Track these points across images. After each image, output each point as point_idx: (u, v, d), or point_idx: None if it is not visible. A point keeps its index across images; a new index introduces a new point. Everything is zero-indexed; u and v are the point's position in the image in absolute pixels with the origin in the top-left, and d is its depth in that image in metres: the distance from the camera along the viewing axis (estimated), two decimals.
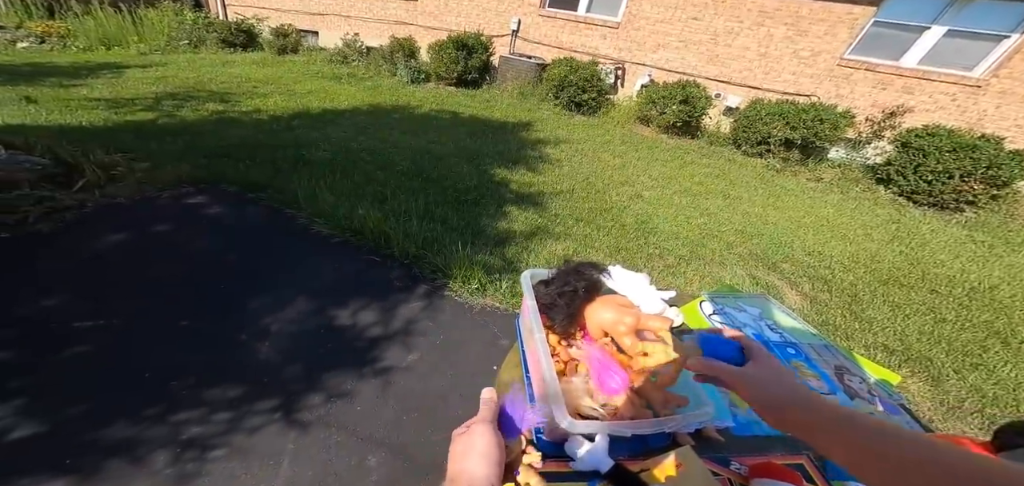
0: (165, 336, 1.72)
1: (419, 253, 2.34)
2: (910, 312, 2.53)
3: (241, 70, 6.50)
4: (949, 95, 5.13)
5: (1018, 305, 2.74)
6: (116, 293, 1.90)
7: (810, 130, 4.97)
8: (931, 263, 3.21)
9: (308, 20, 9.52)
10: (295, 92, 5.50)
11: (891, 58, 5.31)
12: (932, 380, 2.01)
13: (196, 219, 2.53)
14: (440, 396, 1.63)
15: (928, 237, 3.74)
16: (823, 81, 5.64)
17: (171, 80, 5.47)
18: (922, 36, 5.13)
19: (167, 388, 1.51)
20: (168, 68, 6.14)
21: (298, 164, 3.28)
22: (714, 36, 6.05)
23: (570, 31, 7.01)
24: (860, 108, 5.40)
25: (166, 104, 4.43)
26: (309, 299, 2.00)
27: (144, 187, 2.73)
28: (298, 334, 1.81)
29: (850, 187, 4.82)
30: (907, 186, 4.55)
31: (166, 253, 2.21)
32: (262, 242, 2.40)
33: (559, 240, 2.69)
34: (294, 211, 2.68)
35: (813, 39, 5.51)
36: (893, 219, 4.07)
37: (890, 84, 5.33)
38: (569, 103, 6.19)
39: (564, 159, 4.22)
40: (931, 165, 4.34)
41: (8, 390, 1.42)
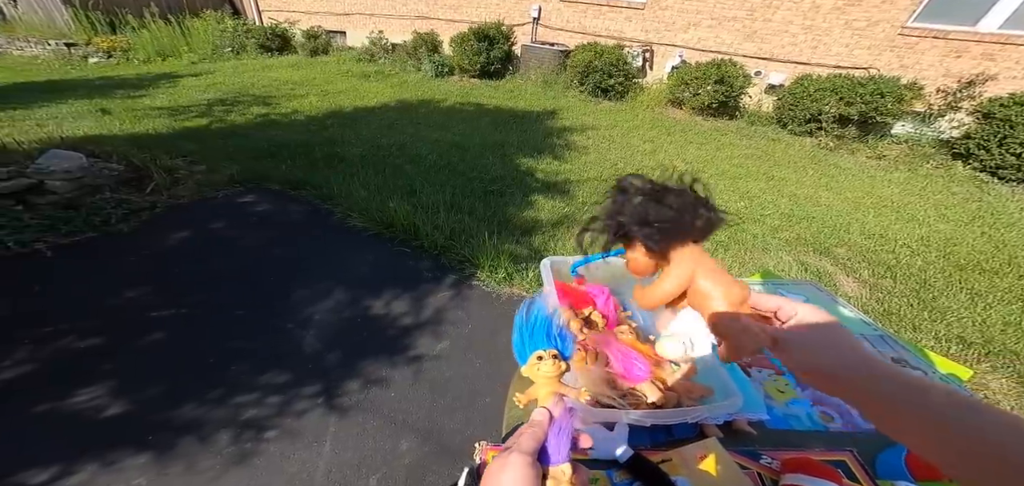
0: (224, 325, 1.88)
1: (447, 244, 2.39)
2: (993, 300, 2.26)
3: (279, 74, 6.84)
4: None
5: None
6: (183, 286, 2.09)
7: (869, 105, 4.54)
8: (1020, 246, 2.86)
9: (334, 21, 9.82)
10: (328, 92, 5.73)
11: (966, 23, 4.70)
12: (1018, 376, 1.80)
13: (246, 216, 2.72)
14: (468, 383, 1.68)
15: (1017, 216, 3.35)
16: (883, 52, 5.10)
17: (219, 87, 5.86)
18: None
19: (228, 373, 1.66)
20: (215, 75, 6.58)
21: (333, 161, 3.44)
22: (751, 11, 5.62)
23: (593, 15, 6.78)
24: (929, 79, 4.84)
25: (216, 110, 4.77)
26: (346, 290, 2.11)
27: (202, 188, 2.97)
28: (337, 323, 1.92)
29: (920, 164, 4.37)
30: (991, 161, 4.06)
31: (222, 249, 2.40)
32: (303, 236, 2.54)
33: None
34: (331, 206, 2.82)
35: (868, 8, 4.98)
36: (973, 197, 3.67)
37: (965, 51, 4.73)
38: (595, 89, 6.02)
39: (590, 146, 4.13)
40: (1020, 137, 3.85)
41: (100, 373, 1.61)
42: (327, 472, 1.34)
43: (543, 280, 0.78)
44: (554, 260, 0.83)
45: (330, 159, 3.47)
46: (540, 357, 0.53)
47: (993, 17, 4.59)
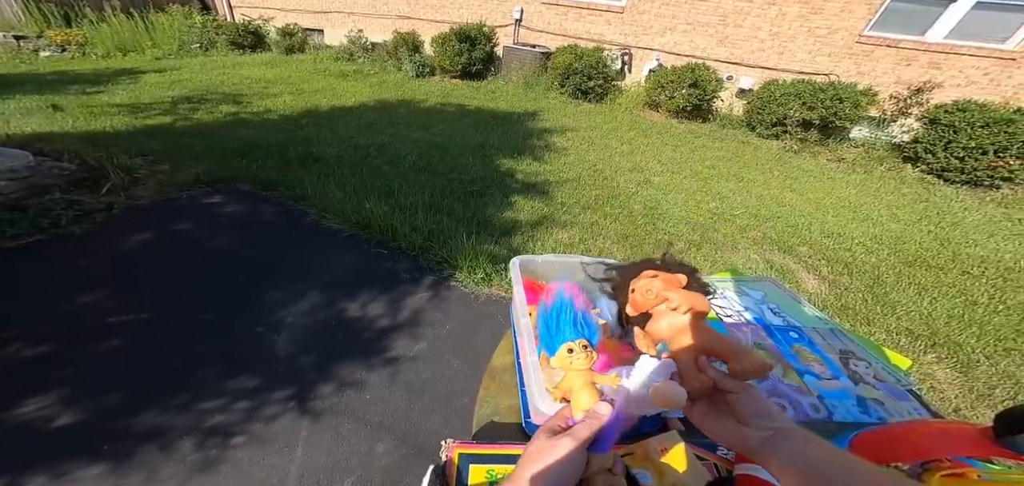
0: (189, 329, 1.80)
1: (425, 245, 2.37)
2: (938, 295, 2.42)
3: (251, 71, 6.62)
4: (980, 69, 4.86)
5: None
6: (144, 290, 1.99)
7: (829, 110, 4.80)
8: (963, 243, 3.08)
9: (312, 19, 9.59)
10: (303, 91, 5.58)
11: (915, 33, 5.06)
12: (961, 366, 1.93)
13: (214, 218, 2.62)
14: (446, 383, 1.67)
15: (960, 216, 3.59)
16: (842, 59, 5.41)
17: (185, 84, 5.61)
18: (948, 9, 4.86)
19: (192, 378, 1.59)
20: (182, 72, 6.30)
21: (308, 161, 3.35)
22: (723, 17, 5.85)
23: (574, 18, 6.89)
24: (883, 85, 5.17)
25: (182, 107, 4.56)
26: (320, 292, 2.06)
27: (165, 189, 2.83)
28: (310, 326, 1.87)
29: (874, 167, 4.64)
30: (937, 164, 4.36)
31: (187, 251, 2.30)
32: (275, 238, 2.47)
33: (565, 228, 2.68)
34: (305, 207, 2.74)
35: (829, 17, 5.28)
36: (921, 198, 3.91)
37: (915, 60, 5.08)
38: (575, 91, 6.11)
39: (570, 147, 4.19)
40: (963, 141, 4.15)
41: (51, 381, 1.51)
42: (299, 477, 1.31)
43: (512, 279, 0.79)
44: (524, 259, 0.85)
45: (304, 159, 3.38)
46: (571, 349, 0.55)
47: (939, 28, 4.95)
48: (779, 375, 0.81)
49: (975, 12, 4.76)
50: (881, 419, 0.72)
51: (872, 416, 0.72)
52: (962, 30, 4.87)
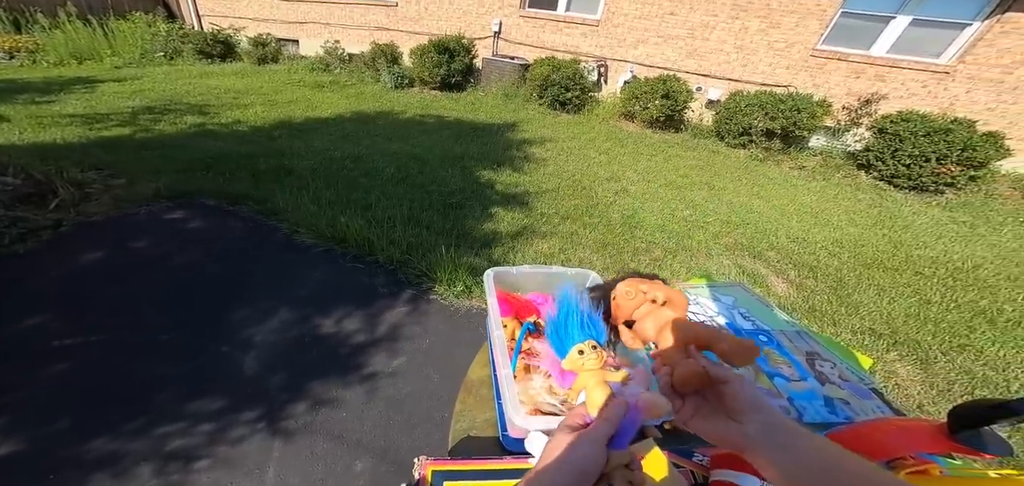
0: (146, 351, 1.69)
1: (404, 258, 2.33)
2: (896, 295, 2.55)
3: (220, 81, 6.39)
4: (920, 82, 5.27)
5: (1002, 284, 2.78)
6: (95, 311, 1.86)
7: (789, 120, 5.06)
8: (914, 245, 3.27)
9: (286, 29, 9.41)
10: (276, 102, 5.43)
11: (862, 48, 5.44)
12: (921, 363, 2.02)
13: (175, 234, 2.48)
14: (426, 398, 1.63)
15: (910, 219, 3.82)
16: (799, 72, 5.75)
17: (147, 93, 5.35)
18: (889, 25, 5.27)
19: (149, 402, 1.49)
20: (143, 81, 6.01)
21: (280, 174, 3.24)
22: (691, 31, 6.12)
23: (551, 31, 7.04)
24: (836, 97, 5.51)
25: (143, 118, 4.34)
26: (292, 309, 1.98)
27: (121, 204, 2.67)
28: (281, 343, 1.79)
29: (832, 174, 4.92)
30: (887, 171, 4.65)
31: (145, 269, 2.16)
32: (243, 254, 2.36)
33: (545, 239, 2.69)
34: (276, 221, 2.64)
35: (786, 31, 5.61)
36: (875, 203, 4.15)
37: (863, 73, 5.46)
38: (553, 102, 6.21)
39: (549, 158, 4.23)
40: (908, 149, 4.45)
41: None
42: None
43: (486, 291, 0.79)
44: (498, 271, 0.84)
45: (276, 171, 3.27)
46: (581, 351, 0.57)
47: (882, 42, 5.35)
48: (751, 378, 0.83)
49: (912, 29, 5.18)
50: (848, 418, 0.74)
51: (839, 416, 0.75)
52: (902, 45, 5.29)
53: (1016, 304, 2.55)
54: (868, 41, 5.41)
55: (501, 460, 0.60)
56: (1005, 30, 4.75)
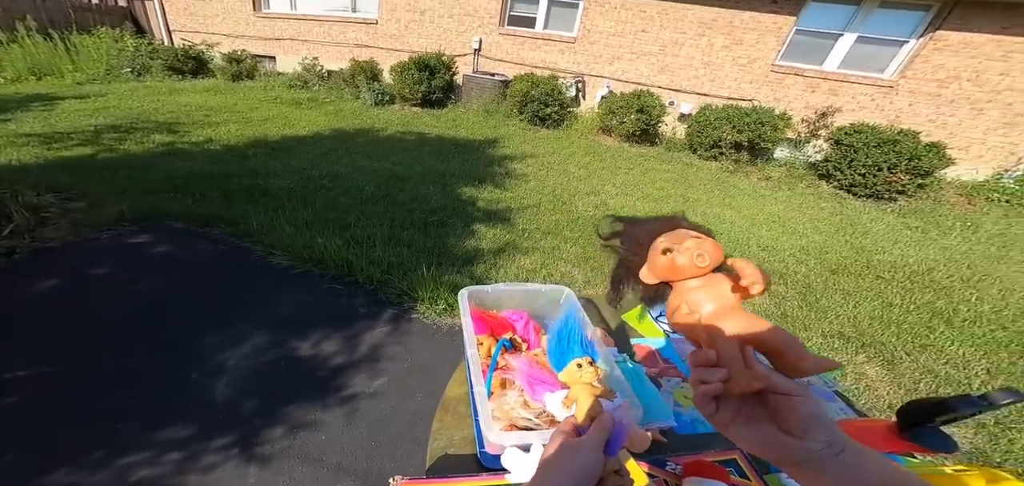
0: (108, 381, 1.61)
1: (384, 278, 2.30)
2: (860, 299, 2.68)
3: (191, 98, 6.21)
4: (868, 95, 5.67)
5: (956, 285, 2.97)
6: (53, 340, 1.76)
7: (755, 132, 5.33)
8: (874, 250, 3.46)
9: (263, 45, 9.27)
10: (251, 119, 5.30)
11: (815, 63, 5.83)
12: (887, 363, 2.12)
13: (140, 259, 2.37)
14: (409, 418, 1.60)
15: (869, 226, 4.05)
16: (761, 86, 6.09)
17: (112, 111, 5.14)
18: (838, 42, 5.68)
19: (112, 432, 1.42)
20: (108, 98, 5.77)
21: (254, 195, 3.15)
22: (662, 47, 6.40)
23: (530, 47, 7.21)
24: (796, 110, 5.85)
25: (107, 137, 4.15)
26: (267, 332, 1.92)
27: (80, 229, 2.53)
28: (256, 368, 1.73)
29: (796, 184, 5.18)
30: (845, 180, 4.95)
31: (107, 296, 2.06)
32: (214, 278, 2.28)
33: (527, 254, 2.72)
34: (250, 244, 2.57)
35: (748, 47, 5.95)
36: (837, 211, 4.39)
37: (818, 87, 5.84)
38: (533, 118, 6.32)
39: (530, 173, 4.29)
40: (862, 159, 4.76)
41: None
42: None
43: (461, 311, 0.80)
44: (473, 290, 0.85)
45: (250, 192, 3.18)
46: (579, 364, 0.61)
47: (833, 58, 5.75)
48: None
49: (858, 45, 5.59)
50: None
51: None
52: (850, 61, 5.70)
53: (970, 304, 2.72)
54: (821, 57, 5.81)
55: (478, 477, 0.60)
56: (938, 47, 5.20)
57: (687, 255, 0.44)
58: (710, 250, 0.44)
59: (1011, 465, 1.67)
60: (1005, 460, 1.68)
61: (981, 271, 3.23)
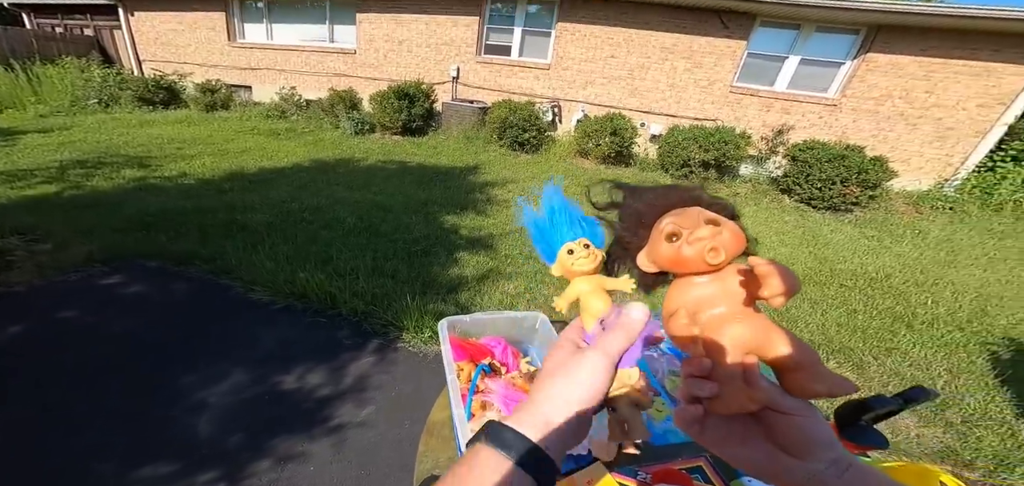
0: (82, 423, 1.56)
1: (368, 310, 2.31)
2: (826, 307, 2.81)
3: (162, 130, 6.09)
4: (816, 113, 6.15)
5: (911, 290, 3.17)
6: (20, 386, 1.69)
7: (719, 151, 5.65)
8: (836, 260, 3.66)
9: (239, 75, 9.20)
10: (227, 151, 5.24)
11: (767, 84, 6.31)
12: (856, 368, 2.22)
13: (112, 300, 2.30)
14: (398, 445, 1.61)
15: (829, 237, 4.30)
16: (722, 107, 6.50)
17: (78, 145, 4.98)
18: (784, 64, 6.19)
19: (87, 473, 1.38)
20: (74, 131, 5.59)
21: (232, 230, 3.11)
22: (631, 71, 6.77)
23: (506, 74, 7.47)
24: (754, 128, 6.26)
25: (73, 173, 4.02)
26: (249, 367, 1.90)
27: (46, 271, 2.44)
28: (239, 404, 1.71)
29: (761, 199, 5.50)
30: (804, 194, 5.29)
31: (78, 339, 1.99)
32: (192, 316, 2.24)
33: (511, 280, 2.78)
34: (229, 280, 2.53)
35: (707, 70, 6.38)
36: (799, 224, 4.65)
37: (772, 106, 6.29)
38: (512, 143, 6.47)
39: (511, 199, 4.37)
40: (817, 174, 5.11)
41: None
42: None
43: (440, 340, 0.85)
44: (451, 320, 0.91)
45: (227, 228, 3.13)
46: (571, 251, 0.45)
47: (781, 79, 6.24)
48: None
49: (803, 67, 6.10)
50: None
51: None
52: (797, 81, 6.20)
53: (926, 308, 2.92)
54: (771, 78, 6.29)
55: None
56: (870, 68, 5.73)
57: (697, 247, 0.36)
58: (729, 243, 0.35)
59: (982, 462, 1.74)
60: (975, 457, 1.75)
61: (933, 276, 3.47)
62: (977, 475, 1.69)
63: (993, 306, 3.05)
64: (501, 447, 0.31)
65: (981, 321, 2.81)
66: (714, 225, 0.36)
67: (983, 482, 1.68)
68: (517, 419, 0.33)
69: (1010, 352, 2.48)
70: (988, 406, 2.02)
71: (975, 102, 5.45)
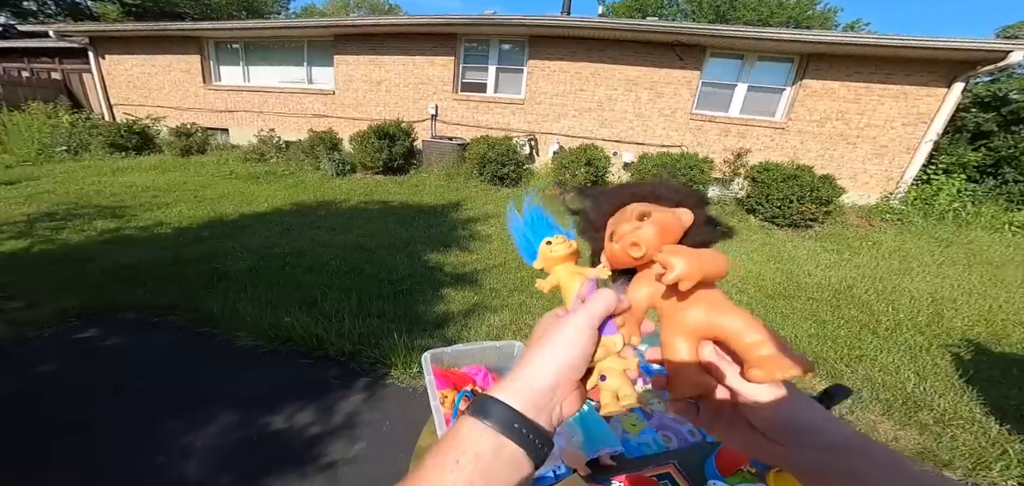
0: (61, 475, 1.55)
1: (355, 349, 2.33)
2: (797, 319, 2.95)
3: (136, 178, 5.98)
4: (768, 136, 6.68)
5: (873, 299, 3.36)
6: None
7: (687, 176, 5.99)
8: (801, 274, 3.87)
9: (215, 118, 9.17)
10: (204, 198, 5.18)
11: (722, 110, 6.83)
12: (829, 377, 2.33)
13: (89, 354, 2.25)
14: (392, 478, 1.61)
15: (794, 253, 4.54)
16: (685, 133, 6.96)
17: (47, 197, 4.83)
18: (735, 91, 6.76)
19: None
20: (42, 182, 5.42)
21: (213, 278, 3.08)
22: (600, 103, 7.18)
23: (483, 111, 7.77)
24: (716, 153, 6.71)
25: (42, 227, 3.90)
26: (237, 410, 1.90)
27: (19, 329, 2.36)
28: (228, 446, 1.72)
29: (729, 220, 5.78)
30: (767, 213, 5.64)
31: (54, 395, 1.95)
32: (174, 365, 2.22)
33: (497, 312, 2.82)
34: (211, 328, 2.51)
35: (669, 99, 6.86)
36: (765, 242, 4.90)
37: (729, 131, 6.80)
38: (493, 178, 6.62)
39: (494, 233, 4.44)
40: (775, 194, 5.48)
41: None
42: None
43: (424, 372, 0.94)
44: (434, 353, 1.01)
45: (207, 276, 3.10)
46: (549, 242, 0.48)
47: (734, 105, 6.78)
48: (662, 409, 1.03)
49: (751, 93, 6.68)
50: None
51: None
52: (748, 107, 6.75)
53: (888, 315, 3.10)
54: (726, 105, 6.84)
55: None
56: (808, 93, 6.33)
57: (620, 242, 0.37)
58: (649, 237, 0.36)
59: (960, 462, 1.79)
60: (952, 458, 1.81)
61: (891, 285, 3.71)
62: (958, 474, 1.75)
63: (948, 309, 3.25)
64: (484, 416, 0.30)
65: (939, 324, 3.00)
66: (641, 218, 0.37)
67: (965, 481, 1.74)
68: (500, 388, 0.32)
69: (970, 352, 2.63)
70: (958, 406, 2.12)
71: (901, 121, 6.08)
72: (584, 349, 0.33)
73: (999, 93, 7.33)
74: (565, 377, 0.33)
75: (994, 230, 5.68)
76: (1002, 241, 5.30)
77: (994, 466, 1.76)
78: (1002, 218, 5.91)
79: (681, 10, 21.13)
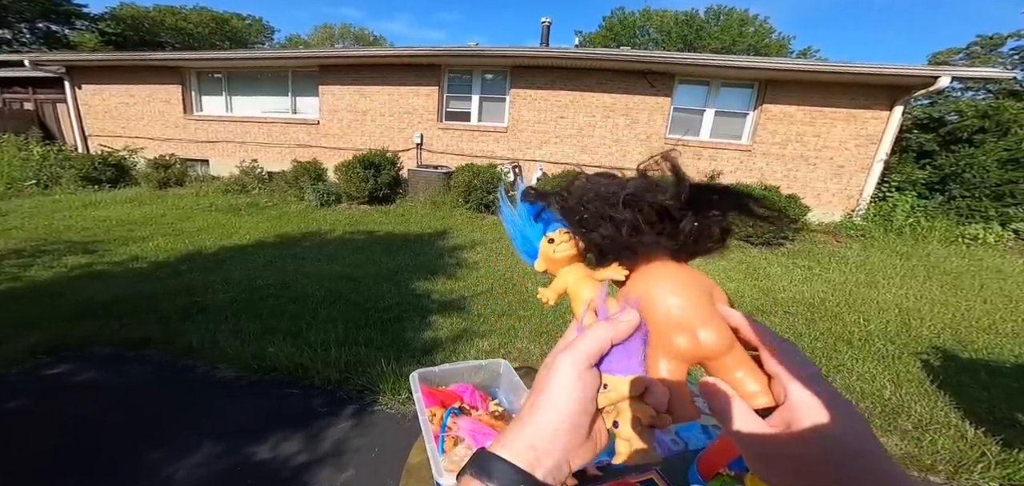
0: None
1: (342, 377, 2.30)
2: None
3: (110, 211, 5.81)
4: (737, 158, 7.09)
5: (845, 311, 3.50)
6: None
7: None
8: (777, 290, 4.02)
9: (195, 148, 9.06)
10: (183, 231, 5.06)
11: (694, 134, 7.23)
12: None
13: (61, 390, 2.17)
14: None
15: (768, 269, 4.72)
16: None
17: (14, 233, 4.64)
18: (704, 116, 7.21)
19: None
20: (9, 218, 5.21)
21: (192, 311, 3.00)
22: (579, 130, 7.49)
23: (468, 139, 7.96)
24: (690, 176, 7.05)
25: (8, 264, 3.73)
26: (218, 442, 1.84)
27: None
28: (209, 476, 1.67)
29: None
30: (741, 232, 5.91)
31: (26, 432, 1.87)
32: (153, 398, 2.15)
33: (485, 337, 2.83)
34: (192, 360, 2.44)
35: (643, 125, 7.24)
36: (742, 260, 5.09)
37: (701, 154, 7.19)
38: (478, 205, 6.65)
39: (480, 261, 4.46)
40: None
41: None
42: None
43: (412, 390, 0.97)
44: (422, 372, 1.03)
45: (186, 309, 3.02)
46: (551, 239, 0.42)
47: (704, 130, 7.20)
48: None
49: (719, 118, 7.12)
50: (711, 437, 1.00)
51: (712, 436, 0.97)
52: (717, 131, 7.19)
53: (860, 326, 3.23)
54: (697, 129, 7.26)
55: None
56: (768, 117, 6.80)
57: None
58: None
59: (942, 465, 1.83)
60: (934, 462, 1.85)
61: (860, 297, 3.89)
62: (941, 478, 1.80)
63: (914, 319, 3.40)
64: (486, 477, 0.28)
65: (908, 333, 3.13)
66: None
67: (949, 484, 1.79)
68: (503, 443, 0.29)
69: (938, 359, 2.74)
70: (933, 411, 2.18)
71: (854, 142, 6.57)
72: (580, 396, 0.29)
73: (935, 115, 8.03)
74: (562, 429, 0.29)
75: (949, 243, 6.09)
76: (957, 252, 5.68)
77: (974, 468, 1.82)
78: (954, 231, 6.36)
79: (652, 39, 22.46)
